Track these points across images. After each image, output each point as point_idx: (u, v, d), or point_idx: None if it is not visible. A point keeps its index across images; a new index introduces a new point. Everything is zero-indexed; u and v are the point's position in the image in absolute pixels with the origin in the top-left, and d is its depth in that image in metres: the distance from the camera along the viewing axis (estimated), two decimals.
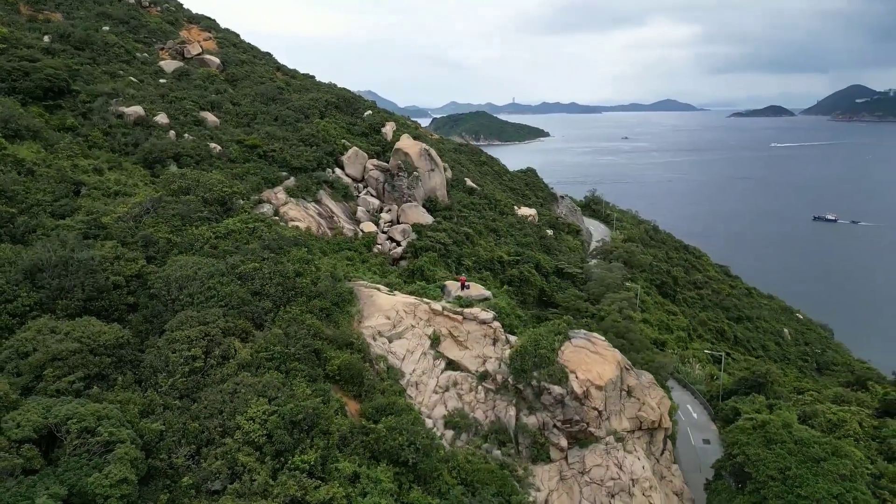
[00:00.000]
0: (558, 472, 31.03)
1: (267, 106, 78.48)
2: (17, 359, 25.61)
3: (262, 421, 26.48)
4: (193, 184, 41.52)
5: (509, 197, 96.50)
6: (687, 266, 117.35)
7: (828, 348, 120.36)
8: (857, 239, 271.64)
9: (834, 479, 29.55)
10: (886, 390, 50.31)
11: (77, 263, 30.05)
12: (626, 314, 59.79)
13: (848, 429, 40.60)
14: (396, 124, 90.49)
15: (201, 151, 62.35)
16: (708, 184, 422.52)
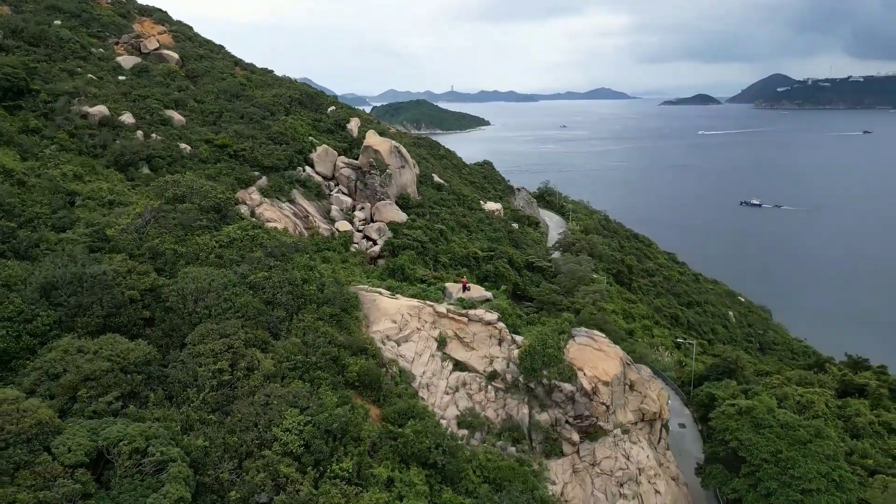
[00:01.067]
0: (571, 465, 32.80)
1: (231, 103, 77.09)
2: (48, 381, 25.24)
3: (298, 431, 27.01)
4: (188, 191, 40.94)
5: (473, 191, 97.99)
6: (639, 255, 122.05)
7: (768, 329, 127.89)
8: (780, 222, 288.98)
9: (820, 459, 32.42)
10: (844, 372, 54.70)
11: (91, 279, 29.58)
12: (600, 306, 62.40)
13: (816, 409, 44.14)
14: (361, 120, 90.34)
15: (172, 152, 61.04)
16: (645, 172, 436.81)
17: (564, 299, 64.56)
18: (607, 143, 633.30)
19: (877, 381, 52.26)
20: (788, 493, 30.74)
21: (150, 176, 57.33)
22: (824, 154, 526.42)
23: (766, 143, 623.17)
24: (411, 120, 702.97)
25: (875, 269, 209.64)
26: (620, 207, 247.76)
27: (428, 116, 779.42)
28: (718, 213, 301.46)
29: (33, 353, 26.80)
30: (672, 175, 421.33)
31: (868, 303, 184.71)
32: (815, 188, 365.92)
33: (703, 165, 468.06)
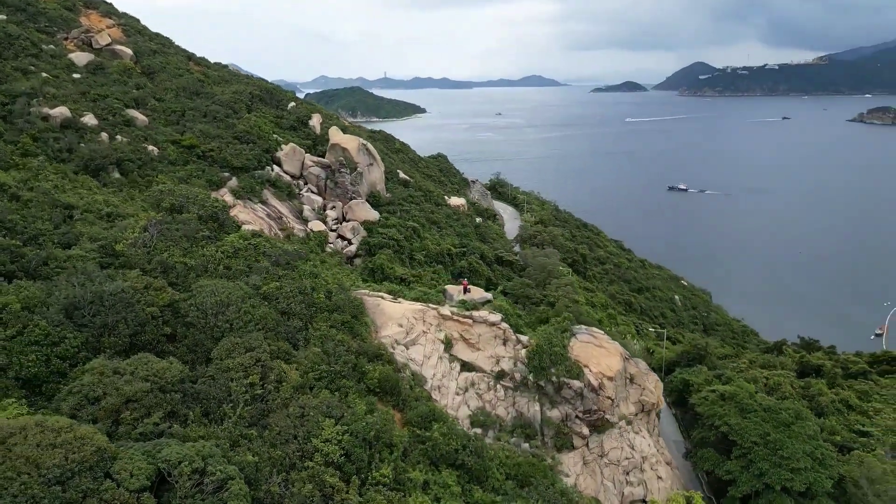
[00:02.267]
0: (581, 457, 34.79)
1: (192, 101, 75.16)
2: (89, 405, 25.10)
3: (337, 441, 27.82)
4: (184, 200, 40.37)
5: (437, 186, 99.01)
6: (590, 243, 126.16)
7: (710, 311, 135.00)
8: (706, 206, 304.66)
9: (804, 439, 35.62)
10: (801, 354, 59.22)
11: (112, 297, 29.26)
12: (573, 298, 64.96)
13: (784, 391, 47.91)
14: (322, 115, 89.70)
15: (141, 155, 59.40)
16: (581, 159, 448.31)
17: (537, 293, 66.76)
18: (542, 131, 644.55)
19: (829, 360, 56.96)
20: (780, 472, 33.74)
21: (120, 181, 55.76)
22: (747, 140, 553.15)
23: (690, 129, 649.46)
24: (346, 108, 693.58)
25: (798, 251, 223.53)
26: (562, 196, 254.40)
27: (363, 104, 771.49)
28: (649, 198, 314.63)
29: (63, 377, 26.47)
30: (605, 162, 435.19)
31: (793, 282, 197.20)
32: (738, 173, 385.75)
33: (632, 152, 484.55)
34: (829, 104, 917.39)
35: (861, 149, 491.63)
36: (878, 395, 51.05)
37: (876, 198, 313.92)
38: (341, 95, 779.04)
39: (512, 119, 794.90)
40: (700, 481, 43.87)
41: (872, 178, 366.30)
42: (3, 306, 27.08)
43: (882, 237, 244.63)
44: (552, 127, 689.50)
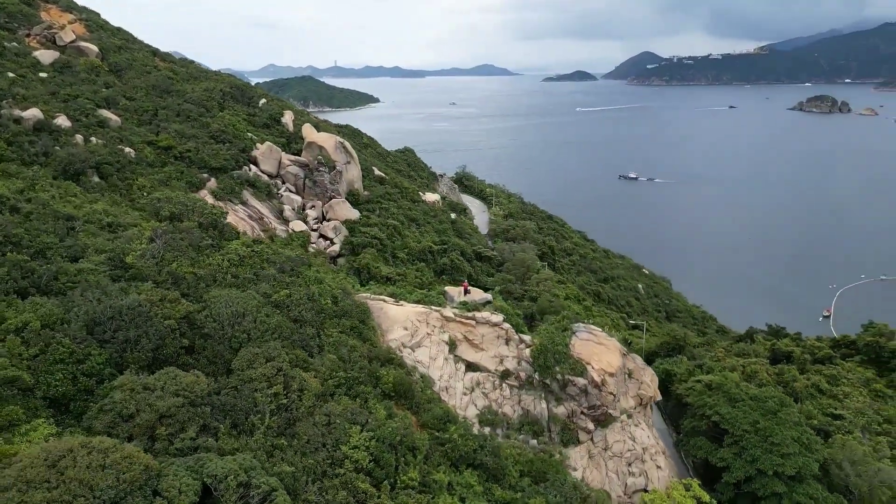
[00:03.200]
0: (587, 451, 36.34)
1: (164, 100, 73.59)
2: (122, 422, 25.15)
3: (365, 447, 28.59)
4: (183, 208, 39.99)
5: (411, 182, 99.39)
6: (556, 235, 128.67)
7: (671, 298, 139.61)
8: (656, 194, 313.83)
9: (790, 425, 38.02)
10: (772, 341, 62.41)
11: (131, 311, 29.17)
12: (553, 293, 66.69)
13: (761, 378, 50.65)
14: (294, 112, 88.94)
15: (119, 158, 58.11)
16: (536, 149, 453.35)
17: (518, 288, 68.24)
18: (497, 121, 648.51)
19: (798, 347, 60.30)
20: (771, 458, 36.00)
21: (100, 185, 54.50)
22: (696, 128, 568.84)
23: (640, 118, 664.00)
24: (298, 97, 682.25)
25: (748, 237, 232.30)
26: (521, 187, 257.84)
27: (315, 93, 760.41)
28: (602, 187, 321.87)
29: (90, 394, 26.38)
30: (559, 152, 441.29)
31: (745, 267, 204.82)
32: (688, 162, 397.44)
33: (584, 142, 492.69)
34: (770, 93, 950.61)
35: (802, 136, 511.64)
36: (845, 380, 54.46)
37: (818, 183, 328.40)
38: (292, 85, 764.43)
39: (466, 109, 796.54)
40: (686, 468, 46.19)
41: (814, 164, 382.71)
42: (24, 325, 26.81)
43: (825, 221, 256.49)
44: (506, 117, 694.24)
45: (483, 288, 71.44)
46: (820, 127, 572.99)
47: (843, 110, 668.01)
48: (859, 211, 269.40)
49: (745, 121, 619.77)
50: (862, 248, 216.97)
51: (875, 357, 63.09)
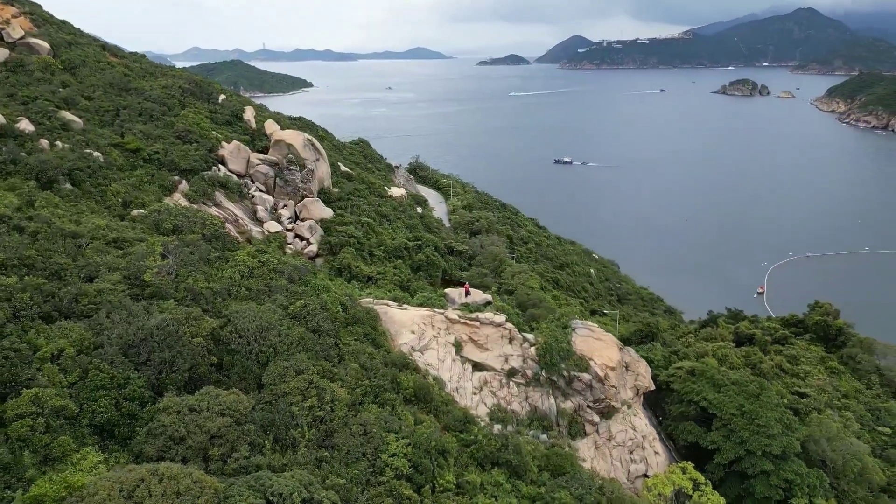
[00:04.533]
0: (593, 443, 38.57)
1: (124, 98, 71.09)
2: (174, 445, 25.40)
3: (403, 454, 29.77)
4: (184, 220, 39.51)
5: (376, 177, 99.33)
6: (511, 223, 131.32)
7: (621, 281, 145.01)
8: (592, 178, 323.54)
9: (771, 407, 41.37)
10: (737, 325, 66.66)
11: (161, 332, 29.18)
12: (529, 285, 68.84)
13: (731, 362, 54.36)
14: (254, 108, 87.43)
15: (90, 163, 56.18)
16: (475, 135, 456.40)
17: (493, 281, 70.06)
18: (435, 106, 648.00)
19: (758, 329, 64.72)
20: (759, 439, 39.19)
21: (74, 192, 52.67)
22: (628, 112, 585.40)
23: (573, 102, 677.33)
24: (228, 82, 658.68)
25: (685, 219, 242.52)
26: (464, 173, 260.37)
27: (246, 78, 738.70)
28: (538, 172, 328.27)
29: (133, 419, 26.42)
30: (497, 137, 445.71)
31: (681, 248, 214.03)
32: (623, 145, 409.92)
33: (521, 126, 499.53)
34: (696, 76, 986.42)
35: (728, 119, 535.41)
36: (804, 359, 59.07)
37: (745, 165, 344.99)
38: (220, 69, 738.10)
39: (403, 94, 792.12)
40: (669, 450, 49.34)
41: (740, 146, 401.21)
42: (59, 352, 26.56)
43: (754, 202, 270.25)
44: (444, 101, 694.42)
45: (458, 283, 73.00)
46: (743, 109, 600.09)
47: (763, 93, 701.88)
48: (784, 191, 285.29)
49: (675, 104, 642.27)
50: (788, 226, 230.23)
51: (823, 335, 68.47)
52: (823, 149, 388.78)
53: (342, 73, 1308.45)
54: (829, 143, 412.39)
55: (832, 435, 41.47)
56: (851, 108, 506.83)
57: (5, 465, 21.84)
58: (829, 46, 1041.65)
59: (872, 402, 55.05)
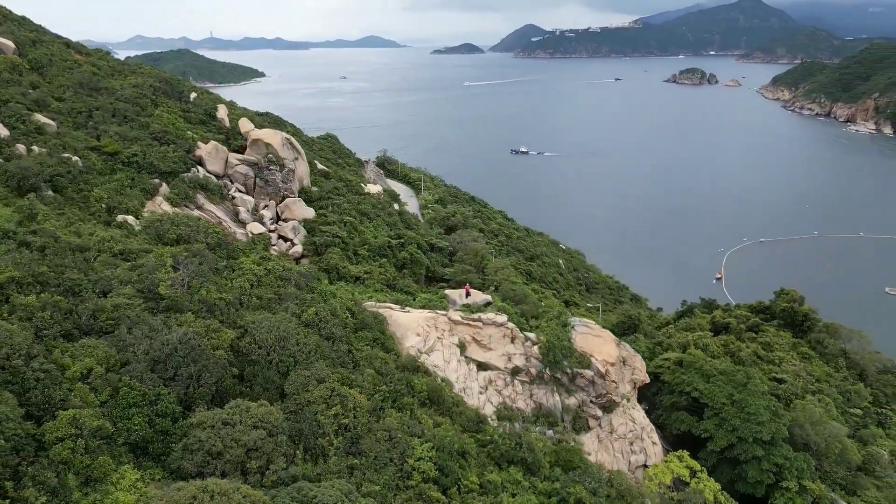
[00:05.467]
0: (596, 436, 40.12)
1: (95, 99, 69.19)
2: (213, 459, 25.69)
3: (429, 458, 30.66)
4: (186, 230, 39.18)
5: (351, 174, 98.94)
6: (482, 217, 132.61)
7: (588, 271, 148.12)
8: (547, 167, 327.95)
9: (758, 395, 43.69)
10: (713, 315, 69.39)
11: (184, 346, 29.27)
12: (512, 280, 70.08)
13: (712, 350, 56.82)
14: (228, 107, 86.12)
15: (71, 169, 54.79)
16: (433, 125, 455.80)
17: (477, 277, 71.02)
18: (391, 96, 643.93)
19: (732, 318, 67.61)
20: (749, 426, 41.41)
21: (57, 199, 51.36)
22: (584, 101, 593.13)
23: (529, 92, 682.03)
24: (176, 73, 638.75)
25: (644, 207, 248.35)
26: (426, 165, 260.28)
27: (195, 68, 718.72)
28: (495, 161, 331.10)
29: (166, 435, 26.55)
30: (455, 127, 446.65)
31: (642, 236, 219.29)
32: (578, 135, 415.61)
33: (478, 116, 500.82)
34: (647, 65, 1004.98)
35: (680, 107, 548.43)
36: (777, 345, 62.12)
37: (698, 152, 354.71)
38: (168, 59, 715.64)
39: (358, 83, 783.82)
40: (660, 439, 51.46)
41: (693, 134, 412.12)
42: (88, 371, 26.46)
43: (708, 188, 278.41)
44: (400, 91, 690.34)
45: (442, 279, 73.88)
46: (694, 98, 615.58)
47: (712, 82, 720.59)
48: (737, 177, 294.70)
49: (629, 93, 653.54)
50: (742, 213, 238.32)
51: (790, 321, 71.92)
52: (771, 136, 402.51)
53: (294, 63, 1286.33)
54: (775, 131, 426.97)
55: (815, 420, 44.14)
56: (796, 97, 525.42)
57: (52, 489, 21.90)
58: (772, 35, 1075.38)
59: (843, 385, 58.51)
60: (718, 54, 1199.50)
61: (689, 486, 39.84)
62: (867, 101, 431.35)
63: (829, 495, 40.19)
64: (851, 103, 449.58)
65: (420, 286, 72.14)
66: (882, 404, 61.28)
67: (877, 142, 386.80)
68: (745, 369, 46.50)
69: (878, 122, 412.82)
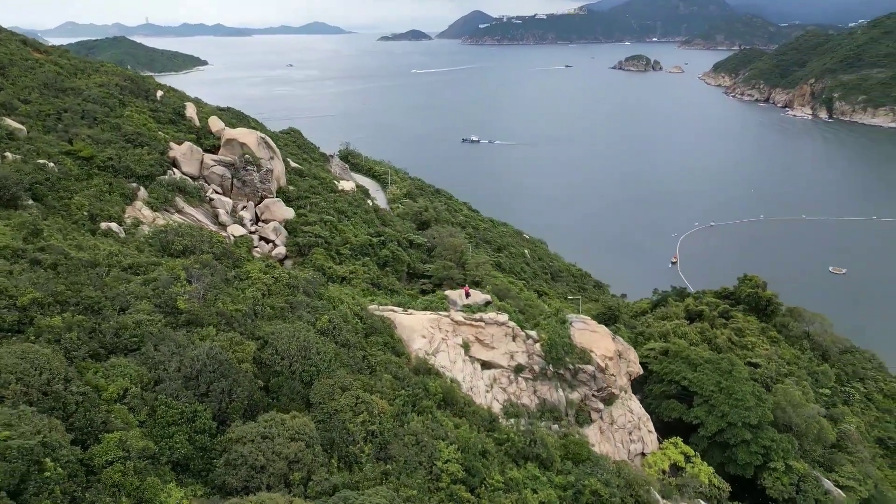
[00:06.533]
0: (598, 428, 41.93)
1: (62, 100, 66.97)
2: (257, 474, 26.15)
3: (456, 460, 31.77)
4: (191, 240, 38.86)
5: (319, 170, 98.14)
6: (449, 209, 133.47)
7: (552, 259, 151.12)
8: (498, 155, 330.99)
9: (743, 382, 46.33)
10: (687, 303, 72.38)
11: (213, 361, 29.46)
12: (493, 275, 71.48)
13: (690, 338, 59.59)
14: (196, 105, 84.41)
15: (49, 176, 53.24)
16: (384, 113, 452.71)
17: (458, 273, 72.18)
18: (341, 84, 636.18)
19: (704, 305, 70.76)
20: (738, 412, 43.97)
21: (38, 208, 49.87)
22: (534, 89, 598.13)
23: (479, 79, 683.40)
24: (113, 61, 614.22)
25: (598, 193, 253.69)
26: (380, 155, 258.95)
27: (133, 57, 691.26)
28: (447, 151, 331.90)
29: (205, 451, 26.84)
30: (405, 116, 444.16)
31: (598, 222, 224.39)
32: (529, 123, 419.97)
33: (429, 105, 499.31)
34: (593, 52, 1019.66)
35: (628, 94, 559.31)
36: (748, 331, 65.45)
37: (647, 139, 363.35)
38: (103, 47, 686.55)
39: (307, 71, 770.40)
40: None
41: (642, 120, 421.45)
42: (124, 391, 26.49)
43: (659, 174, 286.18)
44: (349, 79, 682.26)
45: (424, 275, 74.70)
46: (640, 84, 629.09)
47: (656, 68, 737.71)
48: (685, 163, 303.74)
49: (577, 80, 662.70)
50: (692, 198, 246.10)
51: (755, 306, 75.62)
52: (715, 122, 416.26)
53: (237, 50, 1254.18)
54: (719, 117, 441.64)
55: (796, 402, 47.15)
56: (736, 83, 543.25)
57: None
58: (711, 22, 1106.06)
59: (810, 367, 62.30)
60: (661, 41, 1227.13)
61: (684, 470, 42.17)
62: (803, 86, 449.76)
63: (812, 473, 43.16)
64: (789, 89, 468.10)
65: (403, 284, 72.90)
66: (844, 383, 65.60)
67: (814, 126, 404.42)
68: (729, 356, 49.18)
69: (815, 108, 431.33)
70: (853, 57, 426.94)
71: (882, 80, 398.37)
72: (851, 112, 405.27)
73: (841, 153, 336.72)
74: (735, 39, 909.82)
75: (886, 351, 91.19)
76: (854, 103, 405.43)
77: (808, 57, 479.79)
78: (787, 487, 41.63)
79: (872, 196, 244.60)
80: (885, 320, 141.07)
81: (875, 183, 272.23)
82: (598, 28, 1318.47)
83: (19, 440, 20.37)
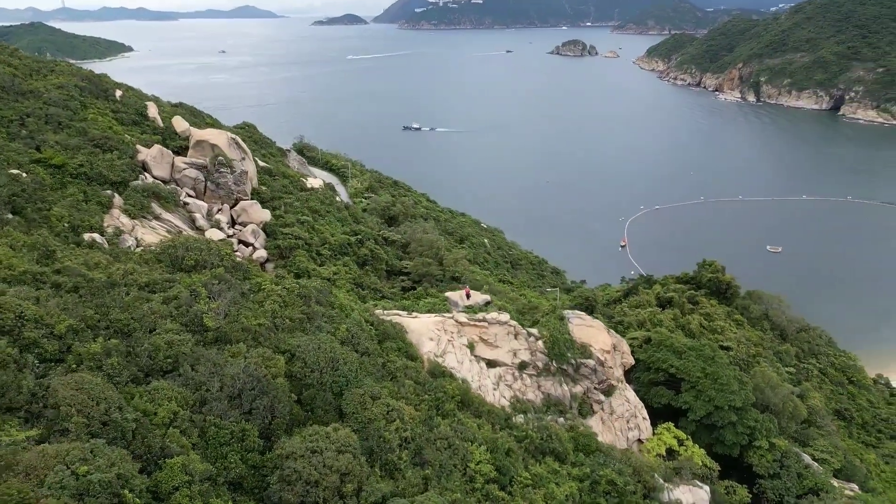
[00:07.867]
0: (600, 419, 44.17)
1: (22, 104, 64.11)
2: (312, 488, 26.90)
3: (487, 460, 33.28)
4: (199, 254, 38.52)
5: (280, 166, 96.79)
6: (410, 202, 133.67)
7: (510, 248, 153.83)
8: (440, 142, 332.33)
9: (725, 367, 49.51)
10: (656, 290, 75.72)
11: (253, 378, 29.90)
12: (472, 269, 72.90)
13: (666, 325, 62.78)
14: (157, 104, 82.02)
15: (24, 186, 51.24)
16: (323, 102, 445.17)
17: (438, 269, 73.30)
18: (278, 71, 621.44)
19: (673, 292, 74.36)
20: (724, 396, 47.04)
21: (19, 222, 48.04)
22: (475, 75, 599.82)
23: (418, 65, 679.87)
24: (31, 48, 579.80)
25: (546, 181, 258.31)
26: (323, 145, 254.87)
27: (51, 43, 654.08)
28: (388, 139, 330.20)
29: (256, 469, 27.39)
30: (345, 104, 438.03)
31: (547, 208, 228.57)
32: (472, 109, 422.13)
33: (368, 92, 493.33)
34: (530, 37, 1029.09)
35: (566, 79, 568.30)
36: (716, 315, 69.33)
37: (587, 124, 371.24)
38: (18, 33, 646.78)
39: (240, 57, 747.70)
40: None
41: (581, 106, 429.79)
42: (175, 414, 26.73)
43: (602, 159, 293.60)
44: (285, 66, 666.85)
45: (402, 273, 75.50)
46: (578, 69, 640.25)
47: (592, 53, 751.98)
48: (627, 148, 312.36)
49: (516, 65, 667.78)
50: (636, 182, 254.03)
51: (716, 290, 79.96)
52: (651, 106, 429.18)
53: (164, 35, 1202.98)
54: (655, 101, 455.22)
55: (773, 384, 50.76)
56: (669, 67, 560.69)
57: None
58: (642, 7, 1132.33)
59: (773, 347, 66.66)
60: (595, 25, 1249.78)
61: (678, 454, 45.02)
62: (732, 71, 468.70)
63: (792, 449, 46.81)
64: (719, 73, 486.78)
65: (383, 282, 73.54)
66: (801, 360, 70.50)
67: (743, 109, 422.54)
68: (709, 343, 52.39)
69: (743, 91, 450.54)
70: (778, 42, 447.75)
71: (805, 65, 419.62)
72: (777, 95, 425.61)
73: (770, 135, 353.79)
74: (665, 24, 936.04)
75: (825, 325, 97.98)
76: (780, 87, 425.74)
77: (735, 42, 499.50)
78: (771, 464, 45.08)
79: (801, 176, 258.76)
80: (820, 295, 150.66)
81: (803, 163, 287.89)
82: (533, 12, 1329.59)
83: (98, 474, 20.56)
